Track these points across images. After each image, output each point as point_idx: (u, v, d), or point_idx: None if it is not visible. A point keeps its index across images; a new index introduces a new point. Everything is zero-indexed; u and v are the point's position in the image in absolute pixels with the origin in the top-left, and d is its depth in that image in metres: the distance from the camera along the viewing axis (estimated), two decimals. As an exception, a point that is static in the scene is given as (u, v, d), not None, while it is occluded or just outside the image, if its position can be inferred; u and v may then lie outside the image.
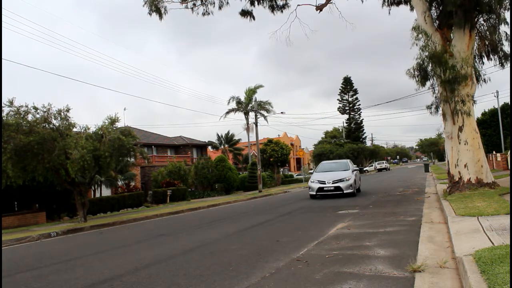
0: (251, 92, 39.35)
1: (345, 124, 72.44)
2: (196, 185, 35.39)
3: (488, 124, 34.54)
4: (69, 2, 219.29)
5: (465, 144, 11.30)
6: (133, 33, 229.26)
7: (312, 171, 17.09)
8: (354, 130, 73.14)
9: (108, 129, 15.05)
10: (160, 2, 14.61)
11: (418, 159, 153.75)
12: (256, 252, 6.11)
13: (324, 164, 18.84)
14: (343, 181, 15.73)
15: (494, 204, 7.69)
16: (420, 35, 11.24)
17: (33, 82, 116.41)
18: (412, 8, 13.20)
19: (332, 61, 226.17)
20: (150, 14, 14.77)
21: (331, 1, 15.35)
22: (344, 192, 15.47)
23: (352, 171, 16.56)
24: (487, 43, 12.07)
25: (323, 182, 15.97)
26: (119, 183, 27.96)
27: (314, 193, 16.08)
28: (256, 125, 33.94)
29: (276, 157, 47.79)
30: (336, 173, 16.49)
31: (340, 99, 74.60)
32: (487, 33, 11.92)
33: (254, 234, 8.03)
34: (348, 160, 18.77)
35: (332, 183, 15.77)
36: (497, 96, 34.32)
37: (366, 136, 78.20)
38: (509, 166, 23.14)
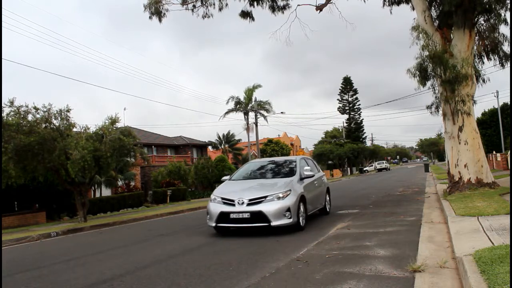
0: (250, 91, 39.36)
1: (345, 124, 72.49)
2: (196, 185, 35.41)
3: (488, 124, 34.54)
4: (74, 5, 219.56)
5: (465, 144, 11.30)
6: (136, 35, 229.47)
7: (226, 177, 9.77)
8: (354, 130, 73.19)
9: (109, 129, 15.05)
10: (160, 4, 14.63)
11: (418, 159, 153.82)
12: (256, 251, 6.11)
13: (252, 165, 10.23)
14: (271, 200, 7.66)
15: (494, 204, 7.69)
16: (420, 35, 11.24)
17: (35, 82, 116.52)
18: (412, 8, 13.19)
19: (333, 62, 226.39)
20: (150, 18, 14.86)
21: (331, 1, 15.34)
22: (273, 224, 7.49)
23: (301, 179, 8.71)
24: (487, 43, 12.07)
25: (231, 203, 7.84)
26: (119, 183, 27.99)
27: (213, 224, 7.96)
28: (256, 125, 34.01)
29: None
30: (264, 182, 8.67)
31: (340, 99, 74.76)
32: (487, 33, 11.92)
33: (254, 234, 8.02)
34: (300, 158, 9.92)
35: (248, 205, 7.66)
36: (497, 96, 34.35)
37: (366, 136, 78.44)
38: (509, 166, 23.14)
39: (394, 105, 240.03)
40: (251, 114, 37.43)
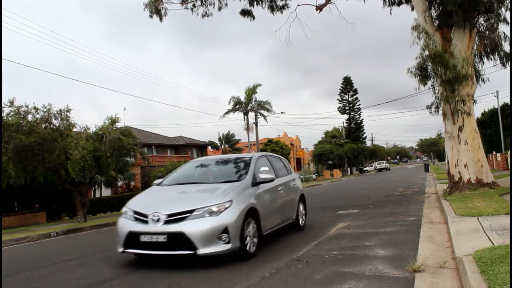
0: (250, 91, 39.31)
1: (345, 124, 72.46)
2: (196, 185, 35.36)
3: (488, 124, 34.56)
4: (74, 5, 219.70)
5: (465, 144, 11.30)
6: (137, 35, 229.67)
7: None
8: (354, 130, 73.16)
9: (109, 129, 15.07)
10: (160, 3, 14.62)
11: (418, 159, 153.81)
12: (255, 251, 6.10)
13: (194, 164, 7.75)
14: (201, 216, 5.28)
15: (494, 204, 7.70)
16: (421, 35, 11.24)
17: (35, 82, 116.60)
18: (412, 8, 13.20)
19: (333, 62, 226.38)
20: (151, 16, 14.80)
21: (331, 1, 15.34)
22: (200, 252, 5.09)
23: (255, 185, 6.35)
24: (487, 43, 12.08)
25: (143, 219, 5.49)
26: (119, 183, 28.02)
27: (120, 249, 5.69)
28: (256, 125, 34.00)
29: (276, 157, 47.71)
30: (201, 188, 6.33)
31: (340, 99, 74.70)
32: (487, 32, 11.92)
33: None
34: (258, 156, 7.42)
35: (166, 223, 5.28)
36: (497, 96, 34.35)
37: (366, 136, 78.37)
38: (509, 166, 23.14)
39: (394, 105, 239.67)
40: (251, 114, 37.46)
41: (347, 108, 73.88)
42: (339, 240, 6.64)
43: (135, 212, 5.73)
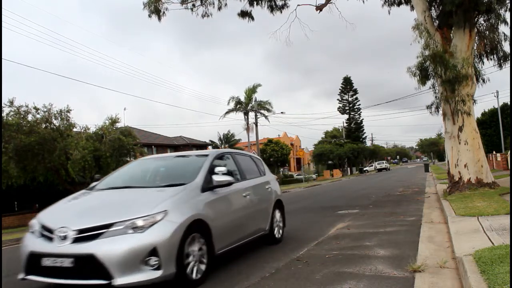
0: (250, 91, 39.33)
1: (345, 124, 72.50)
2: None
3: (488, 124, 34.56)
4: (74, 5, 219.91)
5: (465, 144, 11.30)
6: (137, 35, 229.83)
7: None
8: (354, 130, 73.21)
9: (109, 129, 15.09)
10: (160, 3, 14.62)
11: (418, 159, 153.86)
12: (255, 251, 6.10)
13: (140, 163, 6.44)
14: (121, 233, 3.95)
15: (494, 204, 7.69)
16: (422, 33, 11.24)
17: (35, 82, 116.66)
18: (412, 8, 13.21)
19: (333, 62, 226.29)
20: (150, 16, 14.80)
21: (331, 1, 15.35)
22: (117, 282, 3.72)
23: (206, 189, 4.97)
24: (487, 43, 12.08)
25: (49, 236, 4.11)
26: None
27: (22, 274, 4.19)
28: (256, 125, 34.03)
29: (276, 157, 47.86)
30: (135, 194, 4.97)
31: (340, 99, 74.80)
32: (487, 32, 11.92)
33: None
34: (215, 153, 5.91)
35: (74, 241, 3.92)
36: (497, 96, 34.35)
37: (366, 136, 78.46)
38: (509, 166, 23.14)
39: (394, 105, 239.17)
40: (251, 114, 37.51)
41: (347, 108, 73.95)
42: (339, 240, 6.64)
43: (42, 226, 4.36)
